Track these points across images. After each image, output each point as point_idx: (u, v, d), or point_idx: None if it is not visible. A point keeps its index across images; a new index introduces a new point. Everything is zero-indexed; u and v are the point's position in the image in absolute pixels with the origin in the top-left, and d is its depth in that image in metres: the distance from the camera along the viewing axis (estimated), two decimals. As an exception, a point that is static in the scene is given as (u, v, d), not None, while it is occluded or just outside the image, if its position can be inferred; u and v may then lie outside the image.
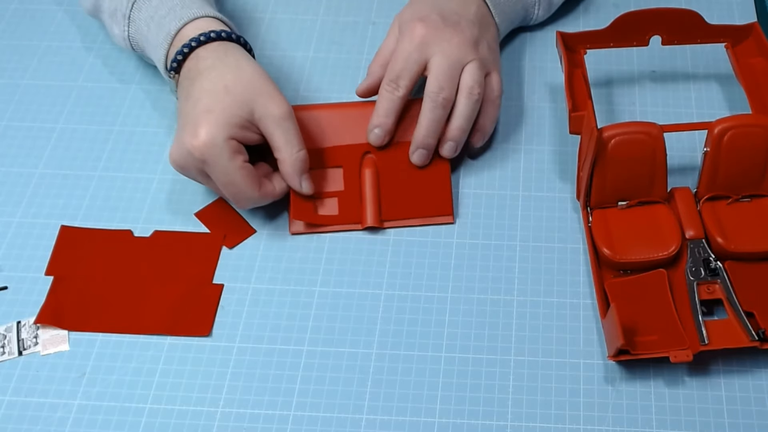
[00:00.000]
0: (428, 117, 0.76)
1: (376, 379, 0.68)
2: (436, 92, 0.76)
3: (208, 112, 0.71)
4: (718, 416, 0.66)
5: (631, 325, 0.68)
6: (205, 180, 0.74)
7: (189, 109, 0.73)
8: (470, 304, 0.72)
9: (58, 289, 0.73)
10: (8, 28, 0.92)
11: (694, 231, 0.72)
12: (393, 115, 0.77)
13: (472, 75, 0.77)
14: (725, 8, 0.91)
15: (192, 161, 0.72)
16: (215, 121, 0.71)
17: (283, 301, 0.73)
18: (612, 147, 0.71)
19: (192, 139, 0.71)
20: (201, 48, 0.75)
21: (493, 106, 0.79)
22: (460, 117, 0.77)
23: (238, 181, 0.72)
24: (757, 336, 0.67)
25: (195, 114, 0.72)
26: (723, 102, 0.84)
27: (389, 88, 0.77)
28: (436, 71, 0.76)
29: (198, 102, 0.72)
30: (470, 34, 0.78)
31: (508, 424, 0.66)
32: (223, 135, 0.71)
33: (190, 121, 0.72)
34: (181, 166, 0.73)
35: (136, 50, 0.83)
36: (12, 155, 0.82)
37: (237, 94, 0.72)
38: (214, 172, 0.72)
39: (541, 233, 0.76)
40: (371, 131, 0.78)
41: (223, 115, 0.71)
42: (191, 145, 0.71)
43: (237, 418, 0.67)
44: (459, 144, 0.77)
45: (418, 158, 0.77)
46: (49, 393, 0.68)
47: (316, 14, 0.92)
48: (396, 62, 0.77)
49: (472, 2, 0.81)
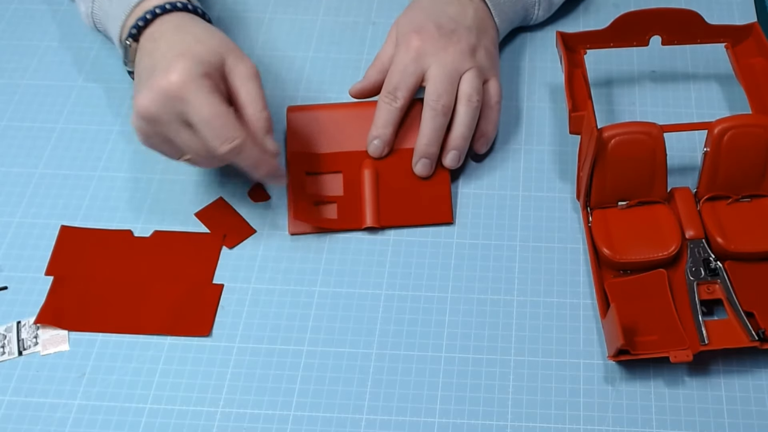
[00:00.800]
0: (429, 126, 0.76)
1: (376, 379, 0.68)
2: (435, 100, 0.76)
3: (180, 55, 0.68)
4: (718, 416, 0.66)
5: (631, 325, 0.68)
6: (178, 130, 0.69)
7: (157, 59, 0.70)
8: (470, 304, 0.72)
9: (58, 289, 0.73)
10: (8, 28, 0.92)
11: (694, 231, 0.72)
12: (392, 125, 0.77)
13: (470, 83, 0.77)
14: (725, 8, 0.91)
15: (167, 102, 0.67)
16: (190, 59, 0.68)
17: (283, 301, 0.73)
18: (612, 147, 0.71)
19: (166, 78, 0.67)
20: (165, 15, 0.73)
21: (494, 111, 0.79)
22: (461, 125, 0.77)
23: (224, 112, 0.68)
24: (757, 336, 0.67)
25: (166, 61, 0.68)
26: (723, 102, 0.84)
27: (387, 100, 0.77)
28: (434, 80, 0.76)
29: (167, 52, 0.69)
30: (467, 42, 0.78)
31: (508, 424, 0.66)
32: (199, 70, 0.68)
33: (160, 67, 0.68)
34: (152, 115, 0.68)
35: (99, 29, 0.82)
36: (12, 155, 0.82)
37: (209, 45, 0.70)
38: (194, 107, 0.67)
39: (541, 233, 0.76)
40: (371, 142, 0.78)
41: (198, 56, 0.69)
42: (166, 84, 0.67)
43: (237, 418, 0.67)
44: (462, 153, 0.77)
45: (422, 168, 0.77)
46: (49, 393, 0.68)
47: (316, 14, 0.92)
48: (393, 74, 0.77)
49: (469, 5, 0.81)
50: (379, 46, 0.84)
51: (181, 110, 0.68)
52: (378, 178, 0.77)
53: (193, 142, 0.69)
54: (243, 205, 0.78)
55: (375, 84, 0.80)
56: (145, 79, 0.69)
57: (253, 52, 0.89)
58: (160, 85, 0.67)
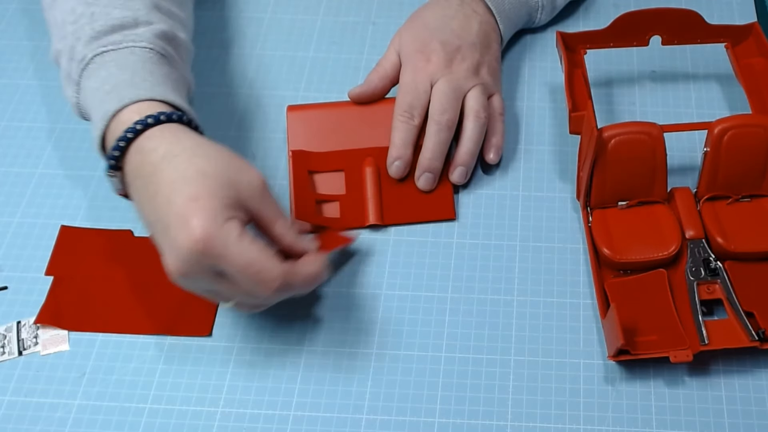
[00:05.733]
0: (433, 140, 0.76)
1: (376, 379, 0.68)
2: (440, 114, 0.76)
3: (193, 200, 0.60)
4: (718, 416, 0.66)
5: (631, 325, 0.68)
6: (215, 282, 0.63)
7: (162, 207, 0.62)
8: (470, 304, 0.72)
9: (58, 289, 0.73)
10: (8, 28, 0.92)
11: (694, 231, 0.72)
12: (411, 145, 0.77)
13: (477, 99, 0.77)
14: (725, 8, 0.91)
15: (198, 261, 0.60)
16: (207, 206, 0.60)
17: (282, 301, 0.72)
18: (612, 147, 0.71)
19: (187, 235, 0.59)
20: (142, 138, 0.64)
21: (500, 122, 0.79)
22: (469, 141, 0.77)
23: (257, 257, 0.61)
24: (757, 336, 0.67)
25: (176, 209, 0.61)
26: (723, 102, 0.84)
27: (403, 118, 0.77)
28: (439, 95, 0.76)
29: (173, 195, 0.61)
30: (471, 60, 0.79)
31: (508, 424, 0.66)
32: (222, 217, 0.60)
33: (174, 220, 0.60)
34: (185, 274, 0.61)
35: (86, 119, 0.72)
36: (12, 155, 0.82)
37: (216, 177, 0.62)
38: (228, 259, 0.60)
39: (541, 233, 0.76)
40: (391, 165, 0.77)
41: (213, 199, 0.61)
42: (191, 243, 0.59)
43: (237, 418, 0.67)
44: (469, 169, 0.77)
45: (425, 182, 0.77)
46: (49, 393, 0.68)
47: (316, 14, 0.92)
48: (405, 94, 0.77)
49: (474, 17, 0.81)
50: (379, 46, 0.84)
51: (212, 264, 0.61)
52: (380, 175, 0.77)
53: (233, 290, 0.63)
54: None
55: (375, 89, 0.80)
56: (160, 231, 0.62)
57: (253, 52, 0.89)
58: (184, 246, 0.60)
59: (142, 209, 0.65)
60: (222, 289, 0.63)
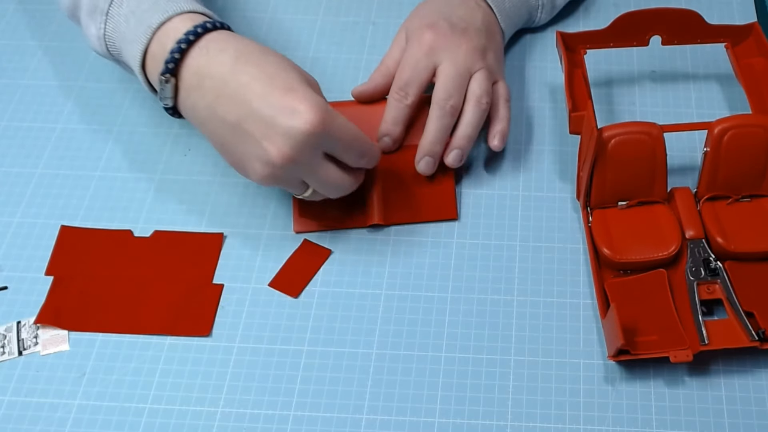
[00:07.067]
0: (435, 124, 0.76)
1: (376, 379, 0.68)
2: (445, 99, 0.75)
3: (290, 90, 0.65)
4: (718, 416, 0.66)
5: (631, 325, 0.68)
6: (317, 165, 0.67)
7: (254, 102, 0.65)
8: (470, 304, 0.72)
9: (58, 289, 0.73)
10: (8, 28, 0.92)
11: (694, 231, 0.72)
12: (402, 123, 0.77)
13: (480, 84, 0.77)
14: (725, 8, 0.91)
15: (312, 143, 0.65)
16: (306, 94, 0.65)
17: (283, 301, 0.73)
18: (612, 147, 0.71)
19: (303, 120, 0.64)
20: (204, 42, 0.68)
21: (506, 108, 0.79)
22: (468, 125, 0.76)
23: (356, 130, 0.68)
24: (757, 336, 0.67)
25: (276, 101, 0.65)
26: (723, 102, 0.84)
27: (398, 96, 0.77)
28: (445, 78, 0.76)
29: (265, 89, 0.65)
30: (478, 41, 0.78)
31: (508, 424, 0.66)
32: (322, 101, 0.66)
33: (279, 111, 0.65)
34: (294, 159, 0.65)
35: (112, 52, 0.75)
36: (12, 155, 0.82)
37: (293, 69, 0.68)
38: (339, 135, 0.66)
39: (541, 233, 0.76)
40: (380, 139, 0.78)
41: (306, 87, 0.66)
42: (308, 126, 0.64)
43: (237, 418, 0.67)
44: (464, 153, 0.77)
45: (425, 166, 0.77)
46: (49, 393, 0.68)
47: (316, 14, 0.92)
48: (404, 70, 0.77)
49: (478, 9, 0.82)
50: (379, 46, 0.84)
51: (322, 145, 0.66)
52: (382, 175, 0.77)
53: (330, 171, 0.69)
54: (245, 205, 0.78)
55: (378, 88, 0.80)
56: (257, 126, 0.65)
57: (253, 52, 0.89)
58: (301, 131, 0.64)
59: (212, 114, 0.67)
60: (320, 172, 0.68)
